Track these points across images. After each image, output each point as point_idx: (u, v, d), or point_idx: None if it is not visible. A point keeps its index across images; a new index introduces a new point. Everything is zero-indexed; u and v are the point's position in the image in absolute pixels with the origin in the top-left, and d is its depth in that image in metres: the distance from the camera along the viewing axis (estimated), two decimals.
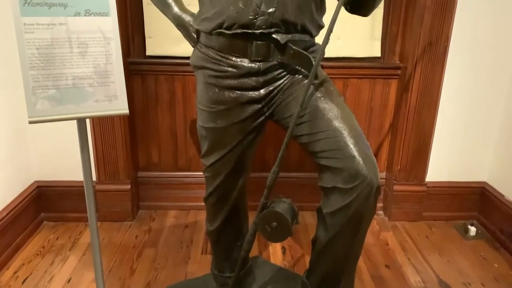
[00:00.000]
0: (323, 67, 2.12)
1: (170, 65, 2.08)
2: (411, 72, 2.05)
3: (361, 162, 1.09)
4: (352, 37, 2.14)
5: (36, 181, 2.11)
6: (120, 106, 1.04)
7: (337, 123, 1.14)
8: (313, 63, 1.13)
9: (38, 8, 0.92)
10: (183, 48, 2.02)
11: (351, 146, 1.10)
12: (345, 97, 2.18)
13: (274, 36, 1.15)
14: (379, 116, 2.23)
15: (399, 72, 2.15)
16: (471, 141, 2.19)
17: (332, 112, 1.15)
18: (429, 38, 1.99)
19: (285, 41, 1.16)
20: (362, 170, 1.08)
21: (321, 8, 1.25)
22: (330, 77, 2.12)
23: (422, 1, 1.95)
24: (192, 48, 1.34)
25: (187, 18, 1.30)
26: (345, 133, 1.12)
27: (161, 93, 2.13)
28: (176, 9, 1.32)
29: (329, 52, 2.09)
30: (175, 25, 1.34)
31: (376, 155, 2.29)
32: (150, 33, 2.07)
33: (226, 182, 1.37)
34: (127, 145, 2.08)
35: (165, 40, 2.07)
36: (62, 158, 2.08)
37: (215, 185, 1.38)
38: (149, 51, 2.10)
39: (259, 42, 1.16)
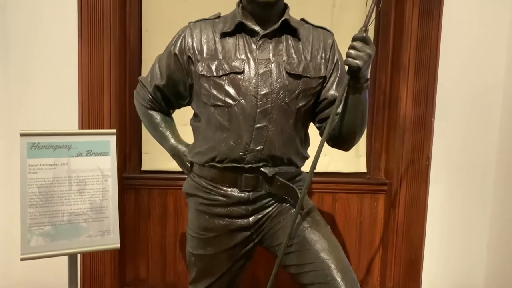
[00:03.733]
0: (312, 182, 2.20)
1: (164, 179, 2.15)
2: (396, 188, 2.13)
3: None
4: (338, 153, 2.22)
5: None
6: (112, 240, 1.07)
7: (324, 255, 1.16)
8: (299, 195, 1.19)
9: (44, 150, 1.00)
10: None
11: (339, 280, 1.12)
12: (335, 211, 2.23)
13: (262, 169, 1.23)
14: (369, 230, 2.25)
15: (385, 187, 2.22)
16: (463, 256, 2.19)
17: (319, 243, 1.19)
18: (411, 157, 2.11)
19: (272, 174, 1.24)
20: None
21: (306, 142, 1.35)
22: (319, 192, 2.21)
23: (402, 122, 2.10)
24: None
25: (182, 149, 1.40)
26: (333, 266, 1.14)
27: (153, 207, 2.16)
28: (172, 140, 1.42)
29: (317, 168, 2.18)
30: (170, 155, 1.43)
31: (368, 270, 2.27)
32: (147, 150, 2.18)
33: None
34: (116, 261, 2.05)
35: (160, 156, 2.16)
36: (48, 275, 2.03)
37: None
38: (145, 167, 2.18)
39: (248, 174, 1.24)
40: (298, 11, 1.93)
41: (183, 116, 1.60)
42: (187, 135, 1.51)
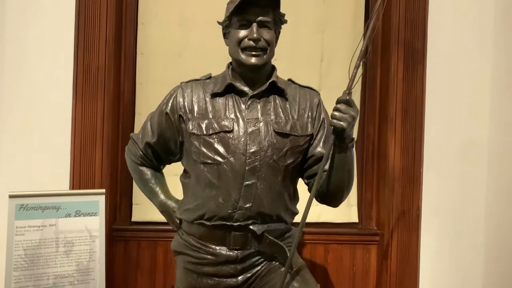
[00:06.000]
0: (304, 232, 2.19)
1: (153, 231, 2.11)
2: (388, 239, 2.12)
3: None
4: None
5: None
6: None
7: None
8: (288, 254, 1.19)
9: (32, 211, 1.00)
10: None
11: None
12: (327, 263, 2.20)
13: (251, 227, 1.24)
14: (362, 282, 2.21)
15: (377, 238, 2.21)
16: None
17: None
18: (401, 207, 2.11)
19: (261, 232, 1.24)
20: None
21: (295, 198, 1.37)
22: (312, 243, 2.19)
23: (391, 173, 2.13)
24: None
25: (171, 205, 1.41)
26: None
27: (143, 259, 2.12)
28: (162, 196, 1.43)
29: (309, 217, 2.17)
30: (160, 211, 1.44)
31: None
32: (138, 201, 2.17)
33: None
34: None
35: (151, 206, 2.14)
36: None
37: None
38: (135, 217, 2.16)
39: (237, 232, 1.24)
40: (287, 66, 2.02)
41: (175, 166, 1.61)
42: (179, 185, 1.51)
